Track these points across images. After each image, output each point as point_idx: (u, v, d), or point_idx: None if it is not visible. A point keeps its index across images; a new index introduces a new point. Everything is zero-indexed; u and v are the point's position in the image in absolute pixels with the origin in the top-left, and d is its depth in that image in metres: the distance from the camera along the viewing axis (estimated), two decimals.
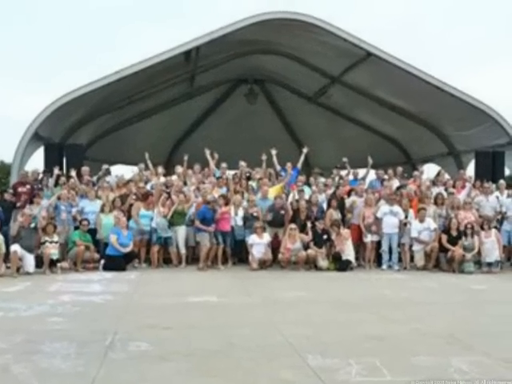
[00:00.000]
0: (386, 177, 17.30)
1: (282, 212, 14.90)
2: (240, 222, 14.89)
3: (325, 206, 15.55)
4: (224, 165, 16.95)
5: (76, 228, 14.38)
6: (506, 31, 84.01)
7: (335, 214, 14.97)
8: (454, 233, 14.40)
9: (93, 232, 14.39)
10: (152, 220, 14.50)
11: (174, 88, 23.78)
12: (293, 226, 14.41)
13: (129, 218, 14.51)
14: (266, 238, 14.42)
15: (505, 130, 20.12)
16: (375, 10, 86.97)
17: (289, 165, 16.60)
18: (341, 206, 15.32)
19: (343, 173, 18.26)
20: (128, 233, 14.04)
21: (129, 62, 18.72)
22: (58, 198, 14.48)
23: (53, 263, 13.23)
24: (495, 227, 15.03)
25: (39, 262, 13.15)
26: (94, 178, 16.73)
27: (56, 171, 15.80)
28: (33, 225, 13.47)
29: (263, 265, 14.31)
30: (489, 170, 19.83)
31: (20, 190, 15.22)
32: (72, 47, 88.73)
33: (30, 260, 12.98)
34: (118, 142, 25.01)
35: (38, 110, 18.21)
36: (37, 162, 19.32)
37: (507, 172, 21.96)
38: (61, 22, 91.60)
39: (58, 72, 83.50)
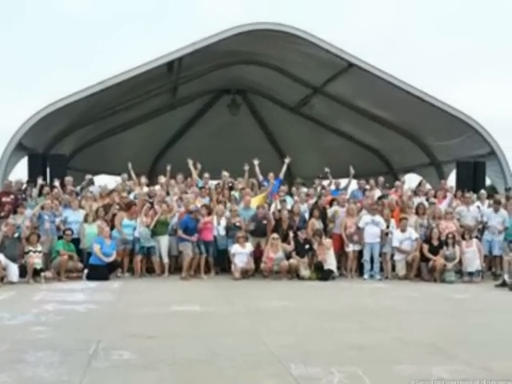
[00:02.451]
0: (367, 187, 17.35)
1: (265, 222, 14.96)
2: (222, 232, 14.91)
3: (307, 215, 15.59)
4: (206, 175, 16.98)
5: (59, 238, 14.33)
6: (491, 43, 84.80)
7: (317, 224, 15.04)
8: (436, 242, 14.48)
9: (76, 242, 14.35)
10: (135, 230, 14.49)
11: (156, 98, 23.84)
12: (275, 235, 14.46)
13: (112, 227, 14.50)
14: (249, 247, 14.46)
15: (485, 140, 20.34)
16: (360, 25, 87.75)
17: (271, 175, 16.67)
18: (323, 216, 15.37)
19: (325, 183, 18.34)
20: (111, 242, 14.02)
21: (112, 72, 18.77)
22: (42, 208, 14.44)
23: (36, 273, 13.17)
24: (476, 237, 15.12)
25: (23, 272, 13.07)
26: (78, 188, 16.70)
27: (40, 181, 15.79)
28: (16, 234, 13.43)
29: (246, 274, 14.33)
30: (470, 180, 19.98)
31: (4, 199, 15.13)
32: (58, 56, 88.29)
33: (13, 269, 12.91)
34: (101, 152, 24.99)
35: (22, 120, 18.23)
36: (20, 172, 19.31)
37: (488, 182, 22.16)
38: (49, 30, 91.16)
39: (43, 81, 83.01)
